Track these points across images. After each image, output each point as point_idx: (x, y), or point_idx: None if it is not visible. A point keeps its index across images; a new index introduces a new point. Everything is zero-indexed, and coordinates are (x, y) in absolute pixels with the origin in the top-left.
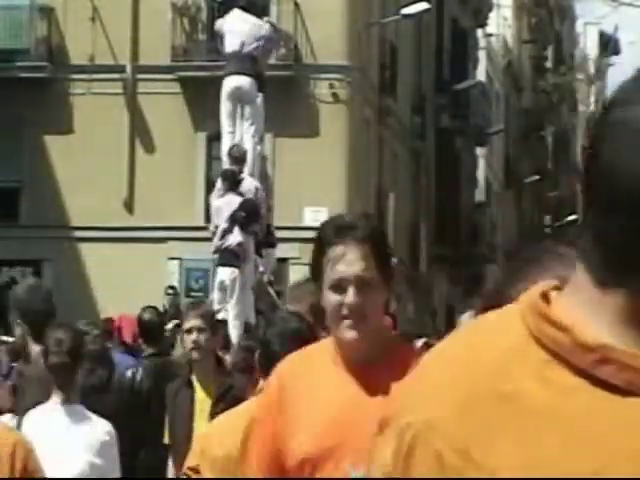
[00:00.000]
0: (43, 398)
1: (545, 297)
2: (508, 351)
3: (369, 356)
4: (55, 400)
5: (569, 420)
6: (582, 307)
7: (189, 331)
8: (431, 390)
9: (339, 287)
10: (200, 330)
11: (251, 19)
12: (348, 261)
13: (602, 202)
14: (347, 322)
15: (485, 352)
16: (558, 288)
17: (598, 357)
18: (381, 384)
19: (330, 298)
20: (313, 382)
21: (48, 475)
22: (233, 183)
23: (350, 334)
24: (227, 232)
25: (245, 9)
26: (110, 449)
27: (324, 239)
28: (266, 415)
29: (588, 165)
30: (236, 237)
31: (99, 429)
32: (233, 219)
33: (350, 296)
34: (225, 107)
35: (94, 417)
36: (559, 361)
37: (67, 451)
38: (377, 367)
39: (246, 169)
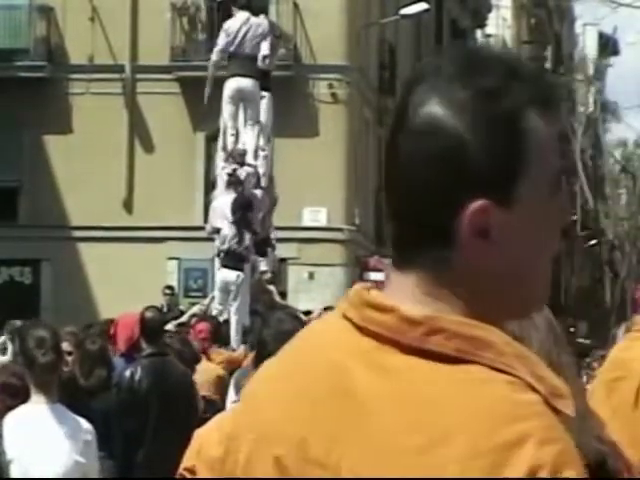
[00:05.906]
0: None
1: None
2: (338, 351)
3: None
4: (37, 400)
5: (399, 400)
6: (392, 291)
7: None
8: (263, 400)
9: None
10: None
11: (252, 20)
12: None
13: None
14: None
15: (318, 358)
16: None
17: (426, 329)
18: None
19: None
20: None
21: (34, 475)
22: (235, 185)
23: None
24: (233, 235)
25: (245, 7)
26: (92, 448)
27: None
28: None
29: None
30: (244, 241)
31: (81, 428)
32: (235, 221)
33: None
34: (227, 109)
35: (75, 416)
36: (388, 344)
37: (51, 451)
38: None
39: (249, 168)
